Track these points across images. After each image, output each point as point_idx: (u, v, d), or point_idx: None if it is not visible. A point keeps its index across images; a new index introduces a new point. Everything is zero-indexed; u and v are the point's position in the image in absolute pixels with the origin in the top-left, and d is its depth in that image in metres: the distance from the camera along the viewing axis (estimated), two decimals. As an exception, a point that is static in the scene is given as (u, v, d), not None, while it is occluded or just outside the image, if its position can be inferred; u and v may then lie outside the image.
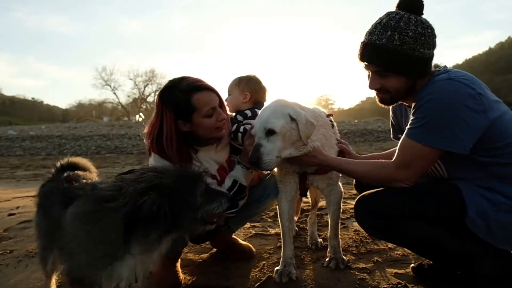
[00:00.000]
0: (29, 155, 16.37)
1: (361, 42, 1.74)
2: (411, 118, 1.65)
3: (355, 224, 2.87)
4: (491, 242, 1.64)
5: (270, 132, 1.76)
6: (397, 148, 1.73)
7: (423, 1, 1.70)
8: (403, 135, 1.69)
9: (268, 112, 1.81)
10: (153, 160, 1.96)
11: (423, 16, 1.70)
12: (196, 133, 1.92)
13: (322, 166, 1.96)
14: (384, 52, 1.64)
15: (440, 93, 1.55)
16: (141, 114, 62.34)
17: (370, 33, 1.70)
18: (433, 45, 1.67)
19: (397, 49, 1.62)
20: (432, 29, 1.67)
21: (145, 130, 1.98)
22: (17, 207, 4.14)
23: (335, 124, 2.14)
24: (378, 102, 1.81)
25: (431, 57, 1.69)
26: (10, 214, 3.76)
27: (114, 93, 60.34)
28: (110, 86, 59.08)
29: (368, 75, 1.78)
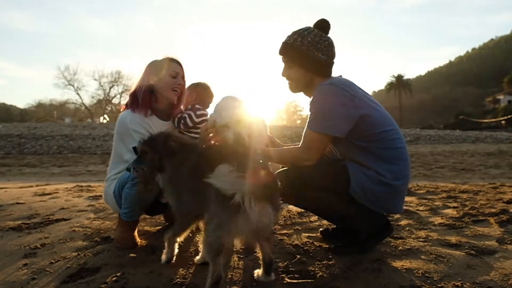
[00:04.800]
0: (-14, 154, 15.88)
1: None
2: (309, 112, 2.25)
3: (289, 205, 3.46)
4: (368, 206, 2.25)
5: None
6: (302, 136, 2.32)
7: (329, 24, 2.36)
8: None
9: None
10: (124, 117, 2.54)
11: (328, 35, 2.36)
12: (158, 89, 2.62)
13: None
14: (290, 48, 2.33)
15: (323, 95, 2.18)
16: (105, 116, 60.52)
17: (287, 36, 2.37)
18: (327, 53, 2.31)
19: (298, 48, 2.29)
20: (330, 43, 2.33)
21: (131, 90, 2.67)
22: (-16, 196, 4.40)
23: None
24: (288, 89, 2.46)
25: (327, 62, 2.32)
26: (-21, 201, 4.03)
27: (77, 94, 58.02)
28: (73, 86, 56.79)
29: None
